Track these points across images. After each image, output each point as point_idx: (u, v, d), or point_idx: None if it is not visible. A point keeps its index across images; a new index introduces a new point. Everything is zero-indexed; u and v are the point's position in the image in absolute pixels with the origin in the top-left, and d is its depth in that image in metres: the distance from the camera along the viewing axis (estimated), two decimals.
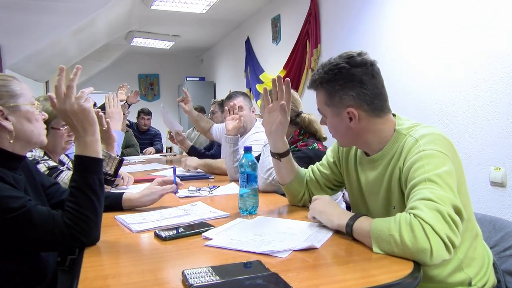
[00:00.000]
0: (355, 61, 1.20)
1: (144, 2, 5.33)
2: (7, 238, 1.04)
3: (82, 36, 4.27)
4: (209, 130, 3.13)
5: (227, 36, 7.68)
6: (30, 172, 1.31)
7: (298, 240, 1.11)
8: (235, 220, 1.37)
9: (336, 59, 1.23)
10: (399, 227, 0.96)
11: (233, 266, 0.95)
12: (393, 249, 0.97)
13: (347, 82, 1.20)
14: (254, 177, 1.47)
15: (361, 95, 1.19)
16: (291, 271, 0.92)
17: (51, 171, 1.72)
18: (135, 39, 7.30)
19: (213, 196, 1.85)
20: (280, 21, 5.46)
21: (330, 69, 1.22)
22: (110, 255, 1.10)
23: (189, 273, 0.88)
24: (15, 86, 1.18)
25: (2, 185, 1.06)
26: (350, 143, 1.34)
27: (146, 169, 2.99)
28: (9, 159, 1.17)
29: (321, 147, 1.92)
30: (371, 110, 1.21)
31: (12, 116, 1.15)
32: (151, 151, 4.99)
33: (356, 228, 1.08)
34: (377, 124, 1.23)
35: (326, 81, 1.23)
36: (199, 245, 1.14)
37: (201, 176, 2.46)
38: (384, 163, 1.24)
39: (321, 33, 4.44)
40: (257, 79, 6.10)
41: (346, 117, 1.22)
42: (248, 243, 1.10)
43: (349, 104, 1.21)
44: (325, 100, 1.26)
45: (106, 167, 1.77)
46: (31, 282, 1.17)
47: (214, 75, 8.70)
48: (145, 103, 8.99)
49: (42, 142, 1.25)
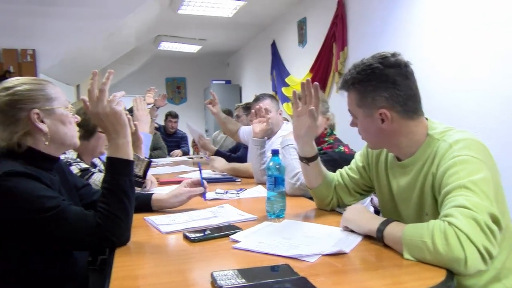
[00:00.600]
0: (389, 62, 1.18)
1: (171, 7, 5.41)
2: (41, 236, 1.07)
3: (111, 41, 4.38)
4: (237, 132, 3.14)
5: (253, 40, 7.71)
6: (64, 173, 1.35)
7: (326, 244, 1.10)
8: (262, 223, 1.37)
9: (369, 60, 1.21)
10: (432, 234, 0.94)
11: (261, 269, 0.95)
12: (425, 256, 0.95)
13: (380, 82, 1.18)
14: (282, 180, 1.47)
15: (394, 96, 1.17)
16: (319, 275, 0.92)
17: (83, 173, 1.76)
18: (162, 43, 7.43)
19: (240, 199, 1.86)
20: (306, 24, 5.44)
21: (363, 69, 1.20)
22: (140, 255, 1.12)
23: (218, 275, 0.88)
24: (50, 90, 1.22)
25: (38, 185, 1.09)
26: (380, 145, 1.32)
27: (173, 171, 3.03)
28: (45, 160, 1.20)
29: (347, 150, 1.90)
30: (404, 112, 1.19)
31: (47, 119, 1.19)
32: (178, 154, 5.05)
33: (387, 233, 1.06)
34: (410, 126, 1.21)
35: (359, 81, 1.21)
36: (227, 247, 1.15)
37: (228, 178, 2.47)
38: (416, 168, 1.21)
39: (348, 35, 4.40)
40: (283, 82, 6.09)
41: (378, 118, 1.20)
42: (276, 246, 1.10)
43: (381, 105, 1.19)
44: (357, 101, 1.24)
45: (135, 168, 1.80)
46: (63, 280, 1.20)
47: (240, 78, 8.75)
48: (172, 106, 9.13)
49: (75, 144, 1.28)
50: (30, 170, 1.10)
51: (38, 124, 1.16)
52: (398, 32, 3.58)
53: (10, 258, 1.10)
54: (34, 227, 1.05)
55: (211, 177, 2.48)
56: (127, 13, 3.91)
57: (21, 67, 3.55)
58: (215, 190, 1.93)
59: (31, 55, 3.58)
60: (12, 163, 1.11)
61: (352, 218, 1.22)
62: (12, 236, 1.07)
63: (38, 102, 1.18)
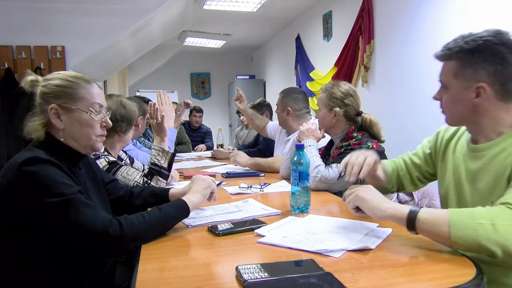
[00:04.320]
0: (504, 38, 1.13)
1: (197, 2, 5.44)
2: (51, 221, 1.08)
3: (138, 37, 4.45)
4: (264, 127, 3.14)
5: (277, 34, 7.67)
6: (91, 167, 1.38)
7: (352, 240, 1.09)
8: (287, 218, 1.37)
9: (482, 32, 1.15)
10: (490, 216, 0.93)
11: (285, 264, 0.95)
12: (478, 237, 0.93)
13: (490, 56, 1.12)
14: (306, 175, 1.46)
15: (498, 73, 1.12)
16: (345, 271, 0.91)
17: (111, 166, 1.80)
18: (187, 38, 7.49)
19: (264, 193, 1.86)
20: (331, 17, 5.37)
21: (473, 40, 1.14)
22: (166, 248, 1.13)
23: (243, 268, 0.89)
24: (79, 89, 1.23)
25: (58, 171, 1.12)
26: (463, 121, 1.25)
27: (197, 166, 3.06)
28: (69, 154, 1.24)
29: (376, 146, 1.87)
30: (501, 93, 1.13)
31: (65, 116, 1.21)
32: (202, 148, 5.09)
33: (424, 216, 1.00)
34: (500, 109, 1.15)
35: (466, 50, 1.14)
36: (251, 241, 1.15)
37: (252, 173, 2.48)
38: (491, 155, 1.15)
39: (375, 28, 4.32)
40: (307, 76, 6.05)
41: (473, 91, 1.15)
42: (301, 241, 1.10)
43: (482, 79, 1.13)
44: (456, 71, 1.17)
45: (161, 160, 1.84)
46: (90, 270, 1.23)
47: (264, 73, 8.74)
48: (196, 101, 9.22)
49: (91, 146, 1.27)
50: (52, 158, 1.13)
51: (53, 119, 1.20)
52: (427, 24, 3.49)
53: (37, 247, 1.13)
54: (47, 210, 1.07)
55: (235, 172, 2.50)
56: (154, 9, 3.95)
57: (51, 63, 3.64)
58: (239, 185, 1.93)
59: (61, 52, 3.67)
60: (38, 151, 1.15)
61: (365, 197, 1.13)
62: (30, 220, 1.09)
63: (59, 99, 1.21)
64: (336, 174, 1.78)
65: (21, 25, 3.56)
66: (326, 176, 1.81)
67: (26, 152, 1.15)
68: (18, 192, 1.08)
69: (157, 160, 1.85)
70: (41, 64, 3.55)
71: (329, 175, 1.82)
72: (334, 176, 1.80)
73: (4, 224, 1.12)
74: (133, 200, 1.52)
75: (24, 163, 1.08)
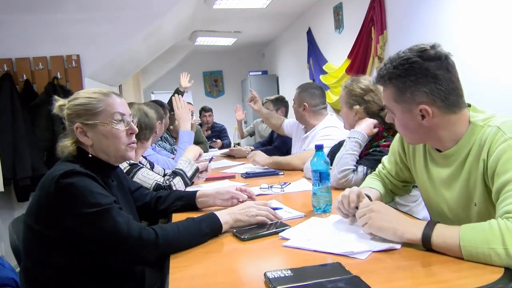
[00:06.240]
0: (429, 55, 1.12)
1: (206, 3, 5.46)
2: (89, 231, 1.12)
3: (151, 41, 4.48)
4: (281, 126, 3.14)
5: (288, 29, 7.64)
6: (119, 178, 1.42)
7: (377, 240, 1.09)
8: (310, 219, 1.38)
9: (407, 53, 1.14)
10: (502, 238, 0.89)
11: (313, 268, 0.96)
12: (492, 263, 0.90)
13: (420, 77, 1.12)
14: (327, 175, 1.47)
15: (435, 92, 1.11)
16: (371, 273, 0.92)
17: (132, 167, 1.88)
18: (198, 38, 7.51)
19: (285, 193, 1.87)
20: (342, 9, 5.32)
21: (400, 64, 1.14)
22: (194, 255, 1.16)
23: (271, 275, 0.90)
24: (97, 103, 1.27)
25: (94, 183, 1.17)
26: (420, 141, 1.27)
27: (217, 167, 3.01)
28: (102, 167, 1.29)
29: None
30: (446, 107, 1.13)
31: (90, 132, 1.26)
32: (218, 144, 5.10)
33: (437, 241, 0.98)
34: (451, 120, 1.15)
35: (396, 76, 1.15)
36: (277, 245, 1.17)
37: (271, 172, 2.48)
38: (461, 159, 1.16)
39: (387, 18, 4.27)
40: (320, 70, 6.02)
41: (418, 114, 1.15)
42: (326, 243, 1.11)
43: (421, 101, 1.13)
44: (394, 97, 1.18)
45: (187, 168, 1.94)
46: (124, 278, 1.27)
47: (276, 68, 8.71)
48: (210, 99, 9.27)
49: (122, 157, 1.32)
50: (87, 171, 1.17)
51: (81, 138, 1.25)
52: (439, 14, 3.43)
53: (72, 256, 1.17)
54: (85, 220, 1.11)
55: (254, 172, 2.51)
56: (165, 13, 3.99)
57: (67, 72, 3.70)
58: (260, 185, 1.94)
59: (76, 61, 3.73)
60: (73, 164, 1.20)
61: (381, 225, 1.08)
62: (67, 230, 1.13)
63: (81, 117, 1.26)
64: (361, 178, 1.75)
65: (37, 37, 3.63)
66: (350, 182, 1.77)
67: (61, 165, 1.21)
68: (56, 203, 1.13)
69: (184, 167, 1.99)
70: (57, 73, 3.61)
71: (353, 181, 1.77)
72: (359, 182, 1.73)
73: (42, 235, 1.16)
74: (160, 205, 1.57)
75: (62, 176, 1.12)
